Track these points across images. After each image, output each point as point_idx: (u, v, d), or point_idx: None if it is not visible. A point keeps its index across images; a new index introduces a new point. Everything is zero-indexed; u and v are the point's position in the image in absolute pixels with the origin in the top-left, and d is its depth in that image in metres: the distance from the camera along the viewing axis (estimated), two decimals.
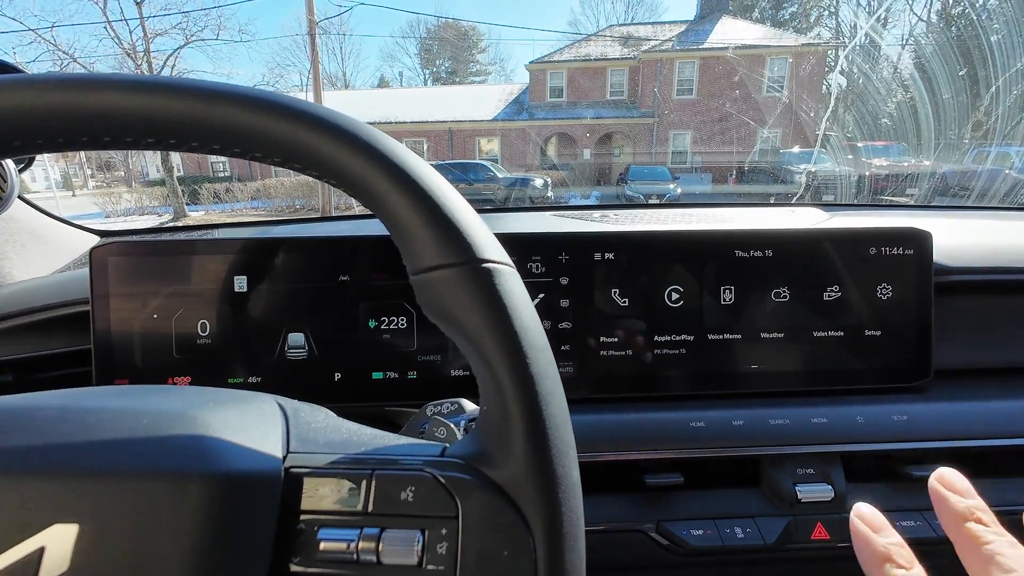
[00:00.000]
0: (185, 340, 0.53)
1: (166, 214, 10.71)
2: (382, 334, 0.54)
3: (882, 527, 0.25)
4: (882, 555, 0.23)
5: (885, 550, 0.23)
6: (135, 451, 0.22)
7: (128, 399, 0.25)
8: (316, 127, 0.22)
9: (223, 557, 0.21)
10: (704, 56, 15.14)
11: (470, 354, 0.24)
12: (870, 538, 0.24)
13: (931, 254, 0.56)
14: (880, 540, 0.24)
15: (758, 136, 13.26)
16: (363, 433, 0.27)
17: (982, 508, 0.24)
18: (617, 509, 0.51)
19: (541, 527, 0.22)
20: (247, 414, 0.26)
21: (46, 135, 0.22)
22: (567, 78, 16.73)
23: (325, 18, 17.45)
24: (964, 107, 3.10)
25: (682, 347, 0.56)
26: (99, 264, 0.52)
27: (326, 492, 0.23)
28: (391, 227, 0.24)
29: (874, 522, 0.25)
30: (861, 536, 0.25)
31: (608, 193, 12.73)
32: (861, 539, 0.25)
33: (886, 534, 0.24)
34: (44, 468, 0.21)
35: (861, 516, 0.25)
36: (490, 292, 0.23)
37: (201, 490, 0.21)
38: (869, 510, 0.26)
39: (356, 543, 0.22)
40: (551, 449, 0.22)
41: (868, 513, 0.25)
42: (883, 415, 0.53)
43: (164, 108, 0.22)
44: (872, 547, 0.24)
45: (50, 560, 0.20)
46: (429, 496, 0.23)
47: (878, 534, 0.24)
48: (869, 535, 0.24)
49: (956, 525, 0.24)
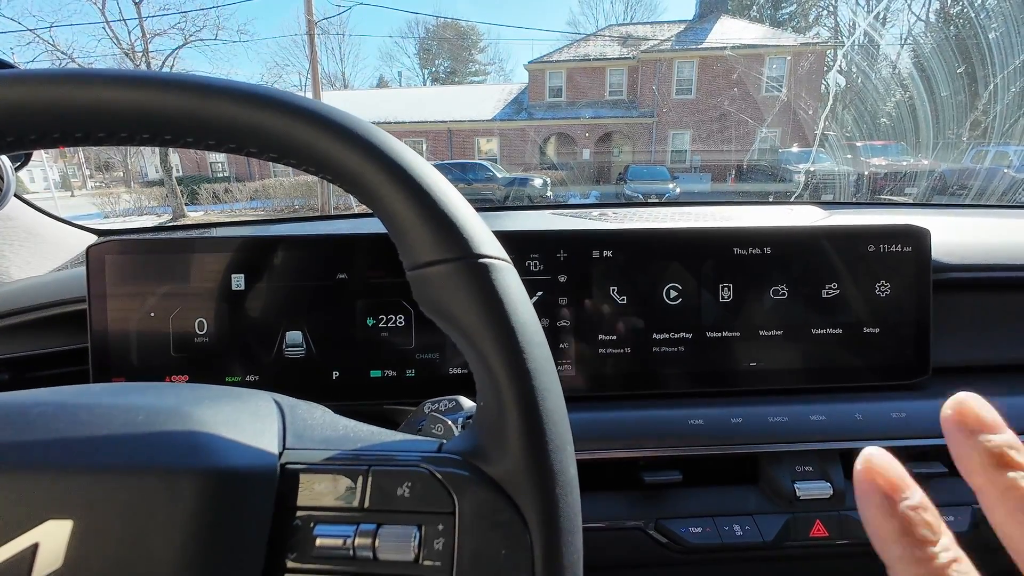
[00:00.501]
0: (182, 339, 0.53)
1: (165, 214, 10.69)
2: (380, 332, 0.54)
3: (901, 483, 0.17)
4: (899, 522, 0.16)
5: (903, 515, 0.16)
6: (129, 447, 0.22)
7: (123, 396, 0.25)
8: (312, 122, 0.22)
9: (218, 553, 0.21)
10: (703, 56, 15.15)
11: (467, 350, 0.23)
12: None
13: (929, 251, 0.56)
14: (897, 505, 0.16)
15: (757, 135, 13.27)
16: (360, 430, 0.27)
17: (1016, 446, 0.17)
18: (616, 507, 0.51)
19: (538, 523, 0.22)
20: (242, 410, 0.25)
21: (40, 131, 0.22)
22: (566, 78, 16.73)
23: (324, 18, 17.42)
24: (963, 106, 3.10)
25: (681, 345, 0.56)
26: (96, 262, 0.52)
27: (322, 488, 0.23)
28: (387, 222, 0.24)
29: (890, 476, 0.17)
30: (867, 499, 0.17)
31: (607, 192, 12.74)
32: (868, 502, 0.16)
33: (906, 494, 0.16)
34: (38, 464, 0.21)
35: (871, 466, 0.17)
36: (487, 287, 0.23)
37: (195, 486, 0.21)
38: (882, 457, 0.17)
39: (352, 539, 0.22)
40: (548, 444, 0.22)
41: (882, 463, 0.17)
42: (882, 412, 0.53)
43: (159, 103, 0.21)
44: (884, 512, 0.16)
45: (44, 556, 0.20)
46: (426, 492, 0.23)
47: (896, 494, 0.16)
48: (878, 497, 0.16)
49: (984, 470, 0.17)
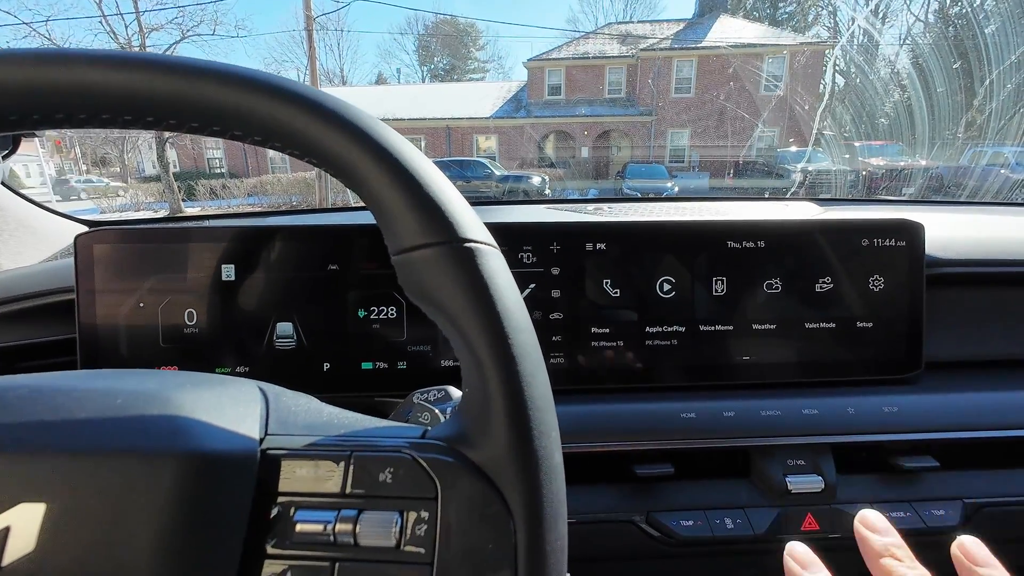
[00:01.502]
0: (172, 329, 0.52)
1: (162, 210, 10.64)
2: (372, 324, 0.54)
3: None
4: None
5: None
6: (107, 430, 0.22)
7: (103, 380, 0.25)
8: (296, 104, 0.22)
9: (196, 537, 0.21)
10: (702, 55, 15.14)
11: (452, 335, 0.23)
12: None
13: (923, 246, 0.56)
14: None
15: (755, 134, 13.28)
16: (344, 416, 0.27)
17: (898, 544, 0.27)
18: (607, 500, 0.51)
19: (521, 509, 0.22)
20: (224, 396, 0.25)
21: (20, 111, 0.21)
22: (565, 76, 16.68)
23: (322, 14, 17.36)
24: (960, 106, 3.10)
25: (674, 338, 0.55)
26: (84, 252, 0.51)
27: (304, 474, 0.23)
28: (372, 207, 0.23)
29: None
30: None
31: (606, 189, 12.73)
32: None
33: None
34: (10, 446, 0.21)
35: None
36: (472, 272, 0.22)
37: (174, 470, 0.21)
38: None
39: (333, 525, 0.22)
40: (532, 431, 0.22)
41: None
42: (874, 407, 0.53)
43: (142, 84, 0.21)
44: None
45: (16, 540, 0.19)
46: (408, 478, 0.23)
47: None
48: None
49: (874, 561, 0.27)
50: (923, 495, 0.51)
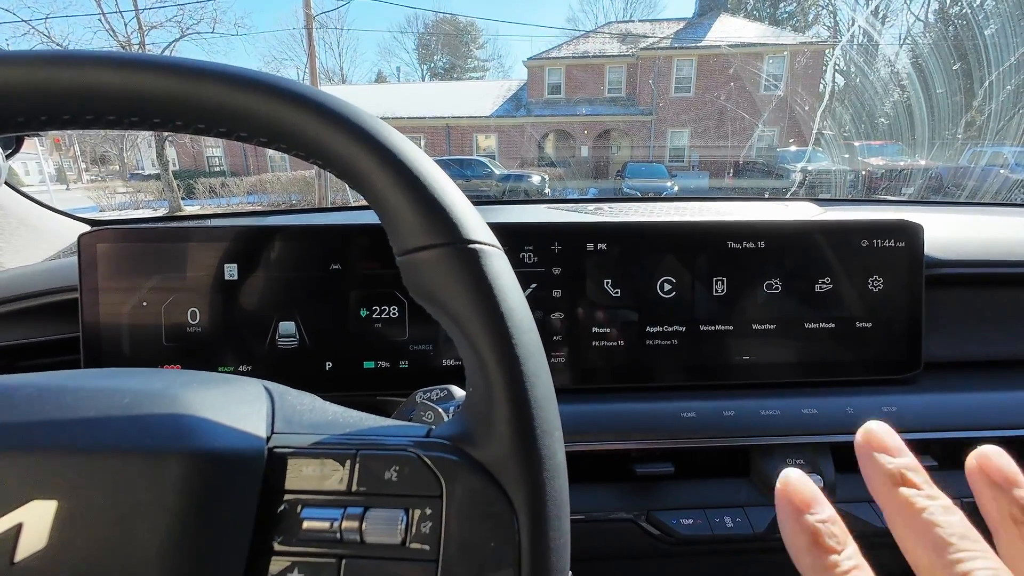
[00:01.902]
0: (175, 328, 0.53)
1: (161, 208, 10.63)
2: (374, 323, 0.54)
3: (812, 500, 0.19)
4: (810, 534, 0.18)
5: (813, 528, 0.18)
6: (114, 428, 0.22)
7: (109, 379, 0.25)
8: (302, 106, 0.22)
9: (203, 535, 0.21)
10: (702, 54, 15.13)
11: (456, 335, 0.23)
12: (879, 459, 0.20)
13: (922, 246, 0.56)
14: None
15: (755, 134, 13.28)
16: (349, 415, 0.27)
17: (914, 467, 0.20)
18: (607, 498, 0.51)
19: (524, 507, 0.22)
20: (230, 395, 0.25)
21: (27, 113, 0.21)
22: (565, 75, 16.67)
23: (322, 12, 17.34)
24: (959, 106, 3.11)
25: (674, 338, 0.56)
26: (88, 251, 0.52)
27: (310, 472, 0.23)
28: (377, 208, 0.23)
29: (803, 495, 0.19)
30: (867, 456, 0.20)
31: (605, 189, 12.72)
32: (785, 516, 0.19)
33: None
34: (22, 445, 0.21)
35: (788, 488, 0.20)
36: (476, 273, 0.23)
37: (181, 468, 0.21)
38: (798, 478, 0.20)
39: (339, 522, 0.22)
40: (535, 429, 0.22)
41: (797, 484, 0.20)
42: (873, 406, 0.53)
43: (149, 86, 0.21)
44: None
45: (28, 537, 0.19)
46: (413, 476, 0.23)
47: (807, 509, 0.19)
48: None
49: (885, 489, 0.19)
50: None
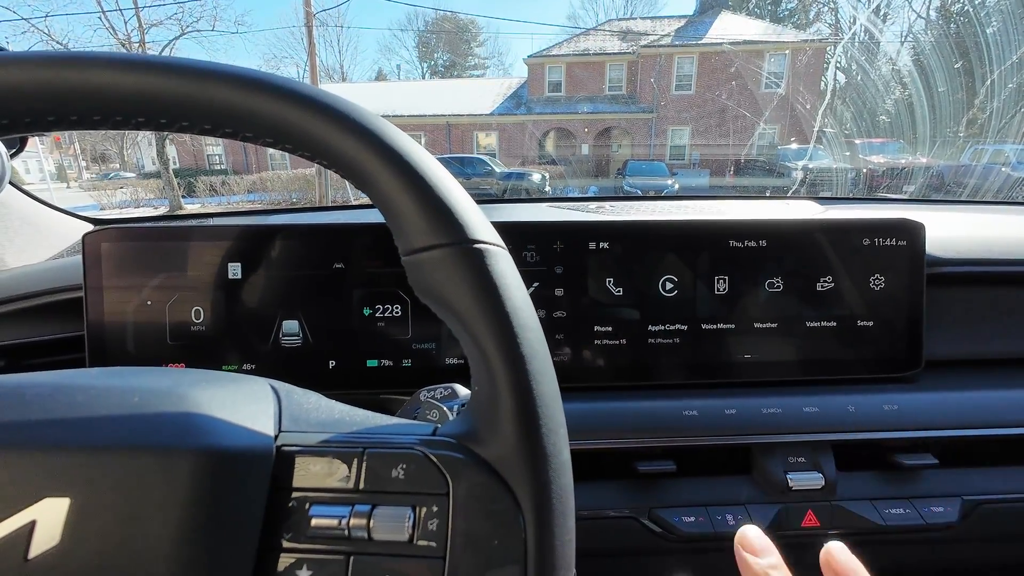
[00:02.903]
0: (179, 327, 0.53)
1: (162, 207, 10.63)
2: (377, 322, 0.54)
3: (763, 550, 0.27)
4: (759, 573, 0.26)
5: (762, 570, 0.26)
6: (125, 427, 0.22)
7: (119, 378, 0.25)
8: (307, 107, 0.22)
9: (213, 531, 0.21)
10: (703, 52, 15.10)
11: (461, 335, 0.24)
12: (747, 560, 0.27)
13: (923, 245, 0.56)
14: (759, 561, 0.26)
15: (756, 132, 13.26)
16: (355, 414, 0.27)
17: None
18: (610, 496, 0.51)
19: (530, 504, 0.22)
20: (238, 393, 0.26)
21: (35, 113, 0.22)
22: (565, 72, 16.64)
23: (322, 10, 17.30)
24: (961, 104, 3.10)
25: (676, 336, 0.56)
26: (92, 250, 0.52)
27: (317, 470, 0.24)
28: (382, 208, 0.24)
29: (755, 545, 0.27)
30: (740, 559, 0.27)
31: (606, 187, 12.71)
32: (740, 561, 0.27)
33: (766, 555, 0.26)
34: (34, 443, 0.21)
35: (744, 540, 0.27)
36: (481, 272, 0.23)
37: (190, 466, 0.21)
38: (754, 533, 0.28)
39: (347, 519, 0.22)
40: (541, 428, 0.22)
41: (752, 537, 0.27)
42: (874, 405, 0.53)
43: (155, 87, 0.21)
44: (750, 568, 0.26)
45: (41, 533, 0.20)
46: (420, 474, 0.23)
47: (759, 556, 0.26)
48: (747, 557, 0.27)
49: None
50: (922, 492, 0.52)
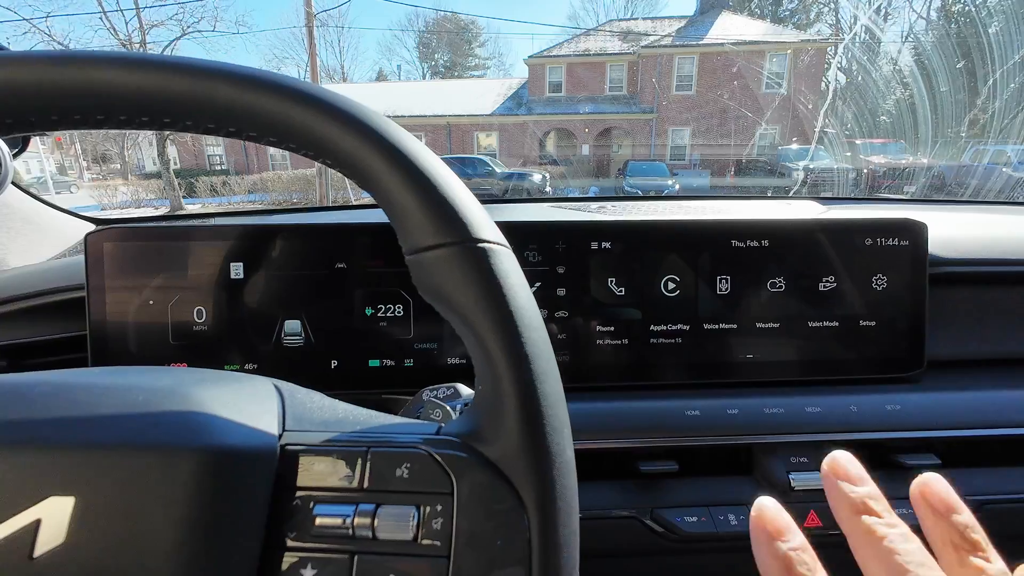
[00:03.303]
0: (181, 327, 0.53)
1: (163, 207, 10.64)
2: (379, 322, 0.54)
3: (784, 529, 0.22)
4: (782, 561, 0.21)
5: (785, 555, 0.21)
6: (129, 426, 0.22)
7: (122, 377, 0.25)
8: (311, 106, 0.22)
9: (216, 530, 0.21)
10: (703, 52, 15.09)
11: (465, 334, 0.24)
12: (842, 488, 0.22)
13: (926, 245, 0.56)
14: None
15: (757, 132, 13.26)
16: (359, 413, 0.27)
17: (875, 496, 0.22)
18: (612, 496, 0.51)
19: (534, 503, 0.22)
20: (242, 393, 0.26)
21: (39, 112, 0.22)
22: (566, 73, 16.65)
23: (323, 10, 17.32)
24: (962, 104, 3.10)
25: (678, 336, 0.56)
26: (94, 250, 0.52)
27: (322, 469, 0.24)
28: (386, 207, 0.24)
29: (776, 523, 0.22)
30: (832, 486, 0.23)
31: (606, 187, 12.72)
32: (832, 488, 0.22)
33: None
34: (39, 441, 0.21)
35: (762, 514, 0.23)
36: (485, 271, 0.23)
37: (194, 465, 0.21)
38: (772, 507, 0.23)
39: (352, 519, 0.22)
40: (545, 427, 0.22)
41: (771, 512, 0.22)
42: (876, 404, 0.53)
43: (159, 86, 0.21)
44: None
45: (46, 532, 0.20)
46: (424, 473, 0.23)
47: (780, 537, 0.22)
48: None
49: (849, 517, 0.22)
50: None
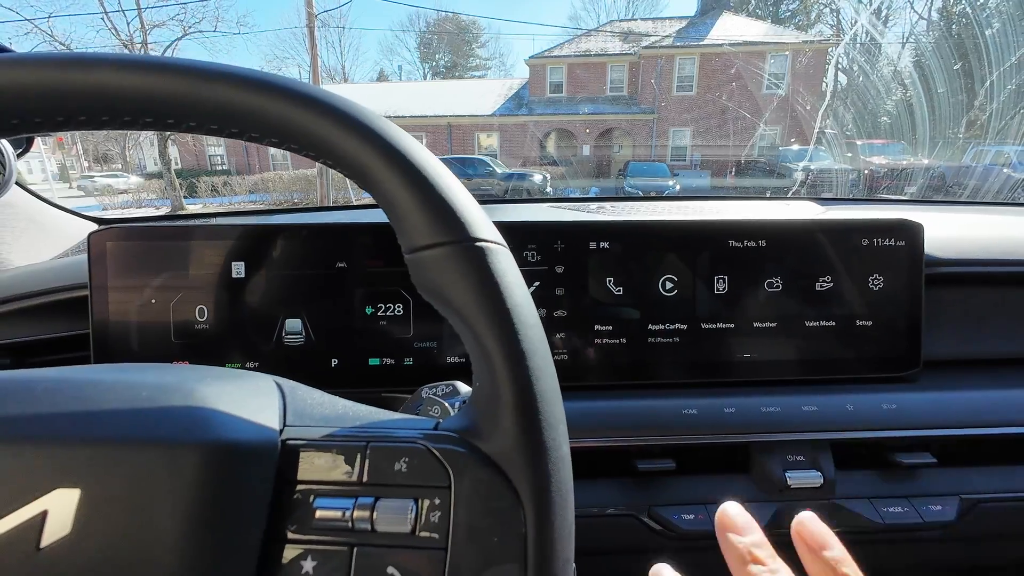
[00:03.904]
0: (183, 325, 0.53)
1: (164, 207, 10.66)
2: (379, 321, 0.55)
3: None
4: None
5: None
6: (133, 420, 0.22)
7: (126, 373, 0.26)
8: (312, 107, 0.23)
9: (218, 522, 0.21)
10: (704, 53, 15.10)
11: (463, 331, 0.24)
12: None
13: (922, 245, 0.56)
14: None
15: (757, 133, 13.26)
16: (358, 409, 0.28)
17: (759, 543, 0.25)
18: (609, 494, 0.51)
19: (530, 497, 0.22)
20: (243, 389, 0.26)
21: (44, 113, 0.22)
22: (567, 73, 16.65)
23: (324, 11, 17.33)
24: (961, 105, 3.11)
25: (676, 336, 0.56)
26: (97, 249, 0.52)
27: (322, 463, 0.24)
28: (385, 207, 0.24)
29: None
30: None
31: (607, 188, 12.73)
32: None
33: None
34: (45, 435, 0.21)
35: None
36: (482, 270, 0.23)
37: (197, 459, 0.22)
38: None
39: (351, 511, 0.23)
40: (541, 422, 0.23)
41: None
42: (873, 404, 0.53)
43: (163, 87, 0.22)
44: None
45: (53, 523, 0.20)
46: (422, 467, 0.24)
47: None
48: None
49: (737, 568, 0.25)
50: (921, 491, 0.52)
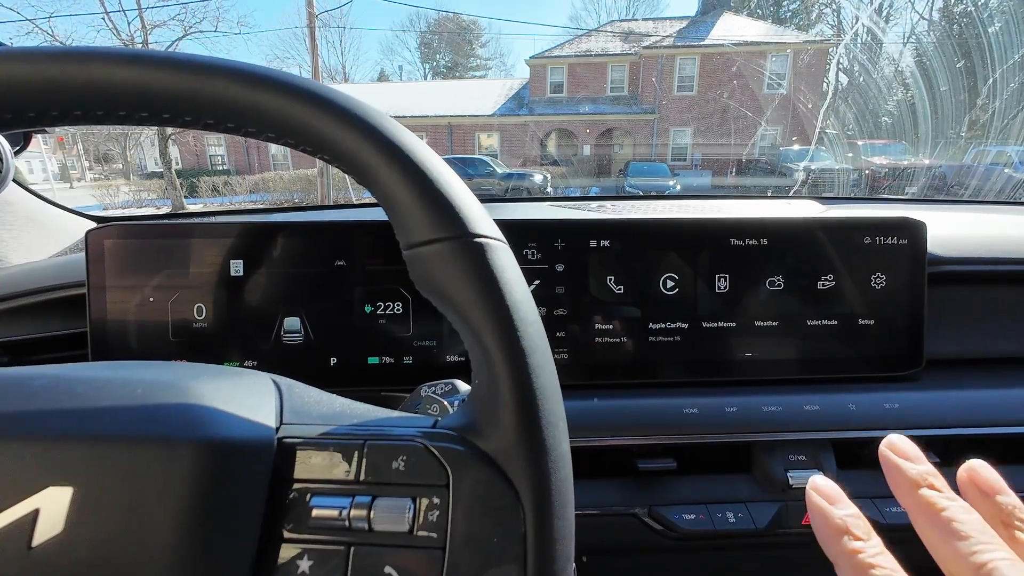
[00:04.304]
0: (181, 324, 0.53)
1: (164, 207, 10.67)
2: (378, 319, 0.55)
3: (839, 499, 0.24)
4: (839, 527, 0.23)
5: (842, 522, 0.23)
6: (127, 417, 0.22)
7: (122, 371, 0.26)
8: (310, 102, 0.22)
9: (214, 521, 0.21)
10: (705, 52, 15.09)
11: (462, 328, 0.24)
12: (826, 510, 0.24)
13: (925, 244, 0.56)
14: (837, 512, 0.24)
15: (758, 132, 13.25)
16: (356, 407, 0.28)
17: (933, 473, 0.23)
18: (610, 493, 0.51)
19: (529, 496, 0.22)
20: (240, 386, 0.26)
21: (39, 108, 0.22)
22: (567, 73, 16.65)
23: (325, 11, 17.32)
24: (963, 105, 3.10)
25: (676, 335, 0.56)
26: (95, 247, 0.52)
27: (319, 462, 0.24)
28: (384, 203, 0.24)
29: (831, 495, 0.24)
30: (817, 509, 0.24)
31: (608, 187, 12.73)
32: (817, 512, 0.24)
33: (843, 506, 0.24)
34: (38, 432, 0.21)
35: (817, 489, 0.25)
36: (482, 266, 0.23)
37: (192, 456, 0.21)
38: (825, 482, 0.25)
39: (348, 510, 0.22)
40: (540, 420, 0.23)
41: (824, 486, 0.25)
42: (875, 403, 0.53)
43: (158, 81, 0.21)
44: (829, 520, 0.24)
45: (45, 522, 0.20)
46: (420, 466, 0.23)
47: (835, 507, 0.24)
48: (825, 507, 0.24)
49: (909, 492, 0.23)
50: None
